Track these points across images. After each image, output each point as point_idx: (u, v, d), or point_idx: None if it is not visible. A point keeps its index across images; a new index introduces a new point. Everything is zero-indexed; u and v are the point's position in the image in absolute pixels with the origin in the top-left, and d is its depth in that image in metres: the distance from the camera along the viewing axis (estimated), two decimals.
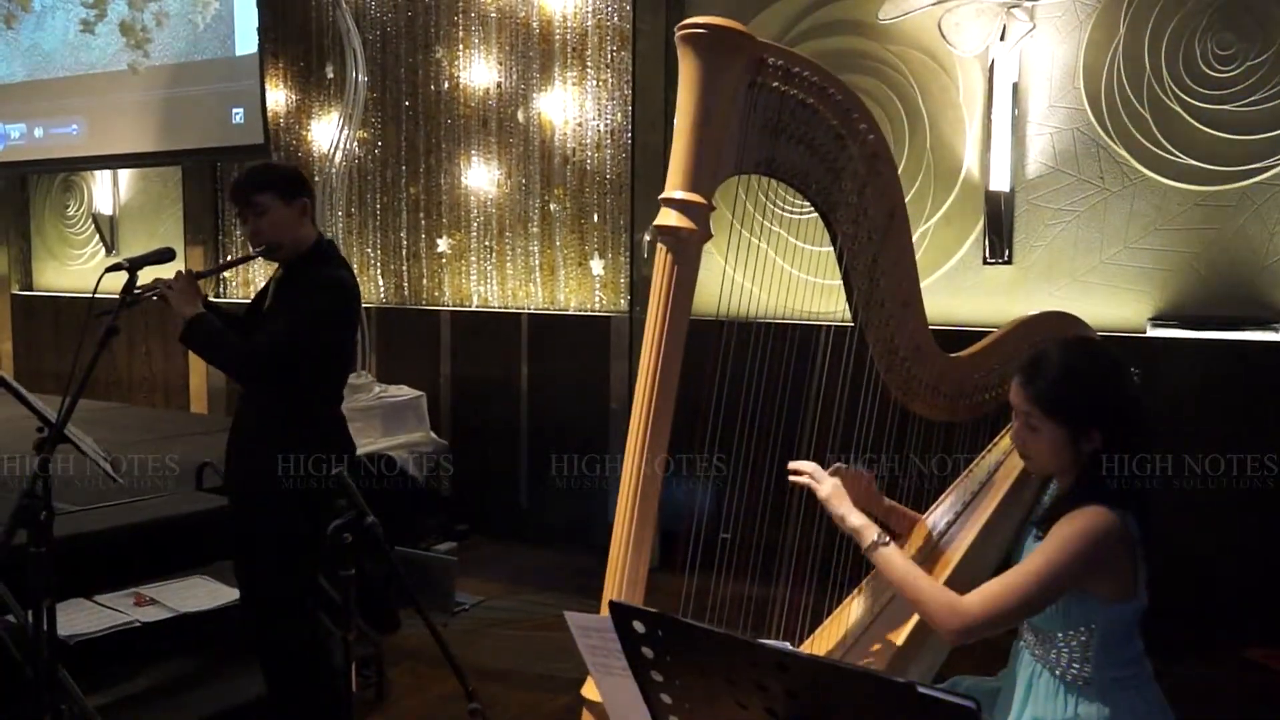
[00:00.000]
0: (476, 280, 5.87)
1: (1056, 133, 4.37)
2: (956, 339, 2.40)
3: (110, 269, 2.70)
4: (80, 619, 3.35)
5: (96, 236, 7.55)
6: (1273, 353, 3.93)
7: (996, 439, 2.40)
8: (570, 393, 5.42)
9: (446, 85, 5.86)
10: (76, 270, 7.79)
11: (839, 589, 2.20)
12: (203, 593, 3.69)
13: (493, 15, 5.67)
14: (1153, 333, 4.13)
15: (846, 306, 2.16)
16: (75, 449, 2.74)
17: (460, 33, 5.79)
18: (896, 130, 4.61)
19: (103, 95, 6.83)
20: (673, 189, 1.93)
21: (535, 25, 5.55)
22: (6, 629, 2.99)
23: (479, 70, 5.74)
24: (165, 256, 2.77)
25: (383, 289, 6.18)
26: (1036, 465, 2.00)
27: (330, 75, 6.22)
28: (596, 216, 5.49)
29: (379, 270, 6.18)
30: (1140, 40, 4.20)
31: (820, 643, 2.13)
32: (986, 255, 4.51)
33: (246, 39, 6.15)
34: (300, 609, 2.92)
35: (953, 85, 4.55)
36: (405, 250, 6.10)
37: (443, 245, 5.95)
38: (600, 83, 5.42)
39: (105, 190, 7.45)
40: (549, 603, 4.49)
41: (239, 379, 3.06)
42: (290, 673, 2.92)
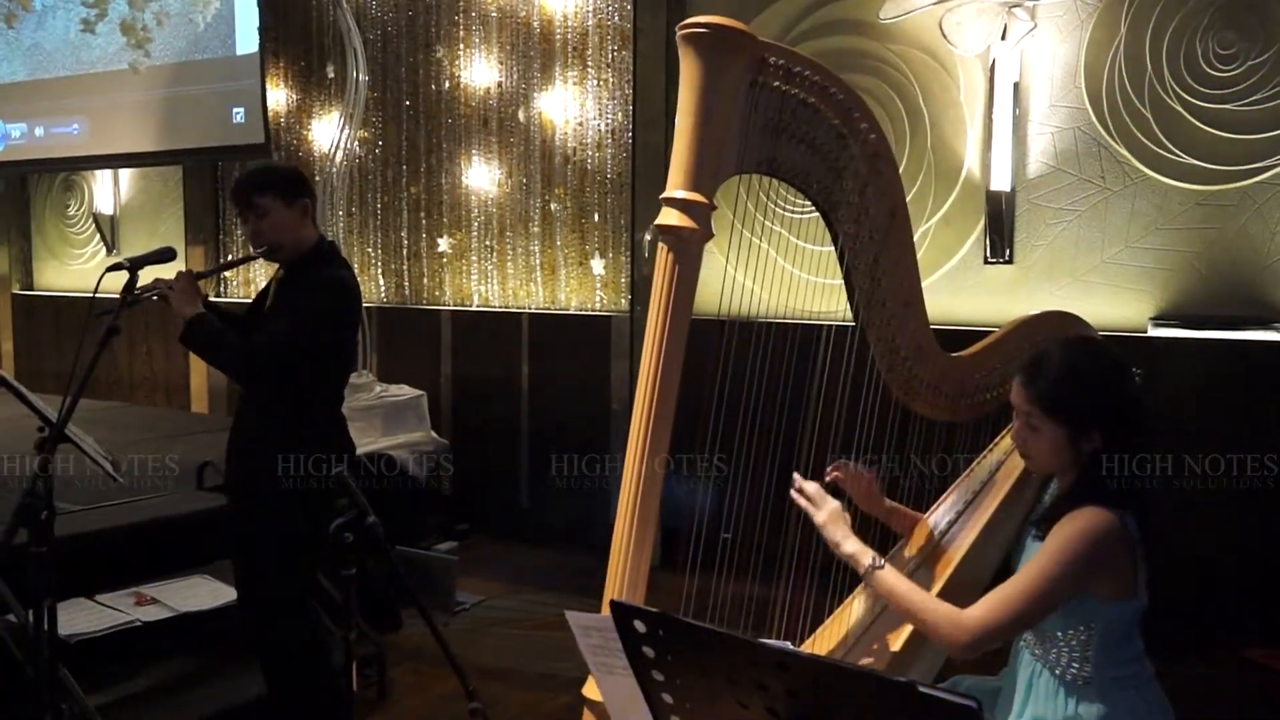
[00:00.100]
0: (477, 280, 5.87)
1: (1058, 132, 4.37)
2: (958, 339, 2.40)
3: (111, 268, 2.70)
4: (81, 618, 3.35)
5: (97, 236, 7.55)
6: (1274, 352, 3.92)
7: (998, 438, 2.40)
8: (571, 392, 5.42)
9: (447, 85, 5.86)
10: (77, 270, 7.78)
11: (840, 589, 2.20)
12: (203, 592, 3.69)
13: (493, 15, 5.67)
14: (1154, 332, 4.13)
15: (848, 306, 2.16)
16: (76, 448, 2.74)
17: (461, 32, 5.79)
18: (897, 130, 4.61)
19: (103, 95, 6.82)
20: (674, 188, 1.93)
21: (536, 25, 5.55)
22: (7, 628, 2.99)
23: (480, 70, 5.74)
24: (166, 256, 2.77)
25: (383, 288, 6.18)
26: (1037, 465, 2.00)
27: (331, 75, 6.22)
28: (597, 216, 5.49)
29: (380, 270, 6.18)
30: (1141, 39, 4.19)
31: (821, 642, 2.13)
32: (987, 255, 4.51)
33: (247, 38, 6.15)
34: (300, 609, 2.92)
35: (954, 85, 4.55)
36: (406, 250, 6.10)
37: (443, 245, 5.95)
38: (601, 82, 5.42)
39: (106, 190, 7.44)
40: (550, 602, 4.48)
41: (239, 379, 3.06)
42: (290, 673, 2.92)
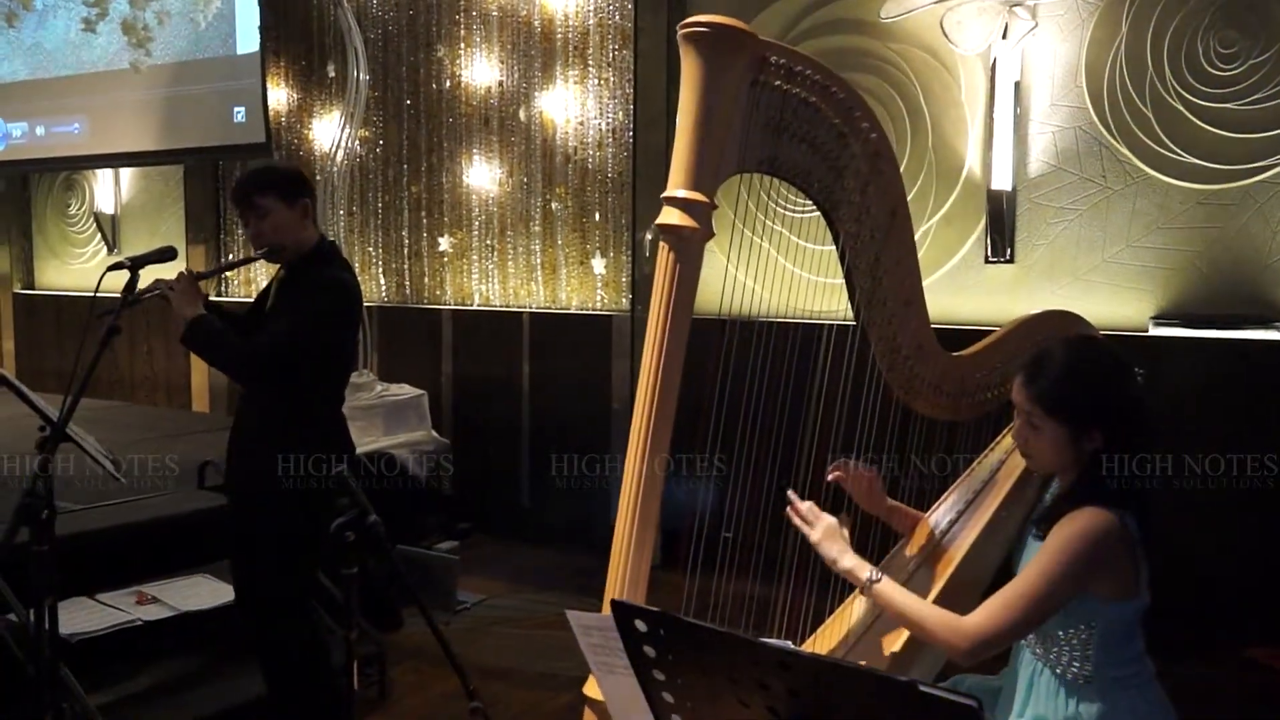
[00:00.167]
0: (478, 279, 5.87)
1: (1058, 131, 4.37)
2: (958, 338, 2.39)
3: (112, 268, 2.69)
4: (82, 617, 3.35)
5: (98, 235, 7.55)
6: (1274, 352, 3.92)
7: (999, 438, 2.40)
8: (572, 392, 5.42)
9: (448, 84, 5.86)
10: (78, 269, 7.79)
11: (841, 588, 2.19)
12: (204, 591, 3.69)
13: (494, 14, 5.66)
14: (1155, 331, 4.13)
15: (849, 305, 2.16)
16: (77, 448, 2.74)
17: (462, 31, 5.79)
18: (898, 129, 4.61)
19: (104, 94, 6.83)
20: (675, 187, 1.93)
21: (537, 24, 5.55)
22: (8, 627, 3.00)
23: (480, 69, 5.74)
24: (167, 255, 2.77)
25: (384, 288, 6.18)
26: (1038, 464, 2.00)
27: (332, 74, 6.22)
28: (598, 215, 5.49)
29: (380, 269, 6.18)
30: (1142, 38, 4.19)
31: (822, 642, 2.13)
32: (988, 254, 4.50)
33: (248, 38, 6.15)
34: (300, 609, 2.92)
35: (955, 84, 4.54)
36: (407, 249, 6.10)
37: (444, 244, 5.95)
38: (602, 81, 5.41)
39: (107, 189, 7.44)
40: (550, 601, 4.49)
41: (239, 379, 3.06)
42: (290, 672, 2.92)
